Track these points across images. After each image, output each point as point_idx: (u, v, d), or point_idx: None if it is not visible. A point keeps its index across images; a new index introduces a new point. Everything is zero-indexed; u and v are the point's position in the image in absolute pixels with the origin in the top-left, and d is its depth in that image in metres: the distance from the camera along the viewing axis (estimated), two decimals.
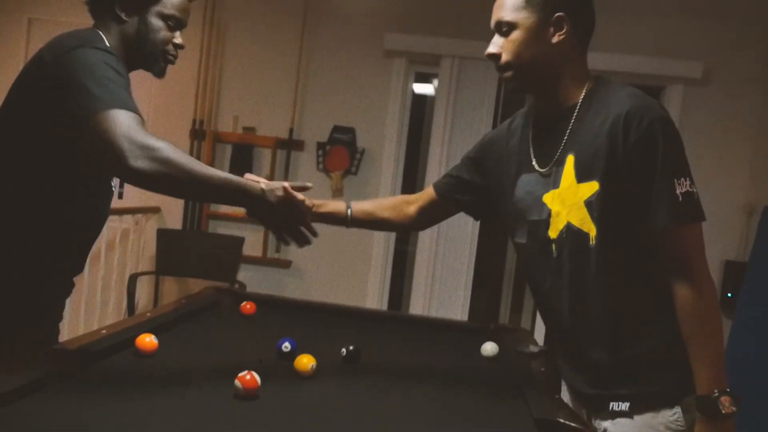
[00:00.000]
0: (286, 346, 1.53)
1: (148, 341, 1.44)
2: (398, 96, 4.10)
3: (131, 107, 1.29)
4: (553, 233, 1.41)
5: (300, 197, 1.48)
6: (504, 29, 1.40)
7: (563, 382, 1.53)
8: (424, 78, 4.37)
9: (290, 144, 4.16)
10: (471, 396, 1.43)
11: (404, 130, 4.21)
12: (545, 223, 1.42)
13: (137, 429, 1.06)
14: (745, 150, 3.91)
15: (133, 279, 3.88)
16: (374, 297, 4.14)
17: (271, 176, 4.04)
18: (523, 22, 1.37)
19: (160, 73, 1.58)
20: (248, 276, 4.12)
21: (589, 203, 1.34)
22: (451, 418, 1.29)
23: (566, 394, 1.51)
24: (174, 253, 4.07)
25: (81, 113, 1.27)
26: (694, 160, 1.36)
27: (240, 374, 1.22)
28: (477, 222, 3.08)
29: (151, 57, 1.54)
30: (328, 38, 4.15)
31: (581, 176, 1.36)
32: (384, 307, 4.17)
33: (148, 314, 1.76)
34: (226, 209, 4.15)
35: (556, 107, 1.44)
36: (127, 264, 4.08)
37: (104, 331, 1.51)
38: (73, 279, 1.65)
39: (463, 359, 1.75)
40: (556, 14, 1.36)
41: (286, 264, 4.19)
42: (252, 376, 1.22)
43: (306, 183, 1.55)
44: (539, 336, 2.92)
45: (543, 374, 1.56)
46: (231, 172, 1.40)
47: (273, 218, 1.47)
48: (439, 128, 4.02)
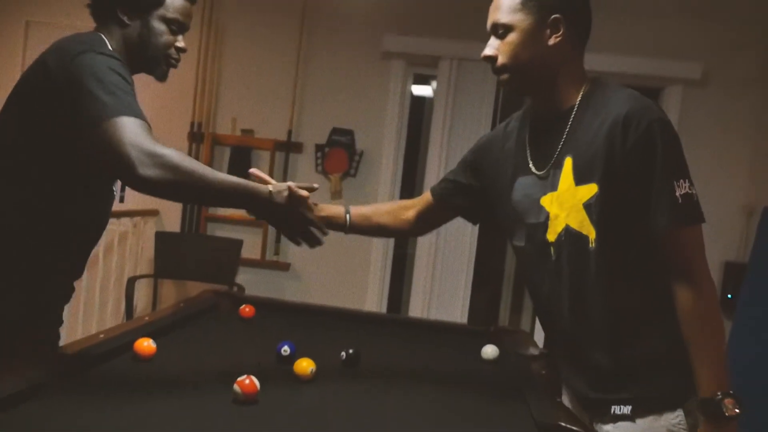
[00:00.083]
0: (286, 350, 1.52)
1: (146, 345, 1.43)
2: (397, 98, 4.10)
3: (138, 114, 1.30)
4: (552, 236, 1.40)
5: (305, 194, 1.48)
6: (500, 31, 1.39)
7: (563, 386, 1.53)
8: (423, 80, 4.37)
9: (289, 146, 4.16)
10: (472, 399, 1.42)
11: (403, 132, 4.20)
12: (543, 226, 1.42)
13: None
14: (745, 151, 3.91)
15: (132, 282, 3.87)
16: (373, 299, 4.13)
17: None
18: (520, 24, 1.37)
19: (163, 77, 1.58)
20: (247, 279, 4.11)
21: (588, 206, 1.34)
22: (452, 422, 1.28)
23: (566, 397, 1.50)
24: (172, 256, 4.06)
25: (88, 120, 1.28)
26: (694, 162, 1.36)
27: (239, 379, 1.21)
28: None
29: (154, 61, 1.54)
30: (327, 40, 4.15)
31: (580, 179, 1.35)
32: (383, 310, 4.17)
33: (147, 318, 1.76)
34: (224, 211, 4.15)
35: (553, 109, 1.43)
36: (126, 267, 4.07)
37: (102, 335, 1.50)
38: (73, 283, 1.64)
39: (464, 362, 1.75)
40: (553, 16, 1.35)
41: (285, 266, 4.18)
42: (251, 381, 1.21)
43: (313, 184, 1.54)
44: (539, 337, 2.91)
45: (544, 377, 1.56)
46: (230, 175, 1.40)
47: (282, 220, 1.47)
48: (438, 130, 4.01)
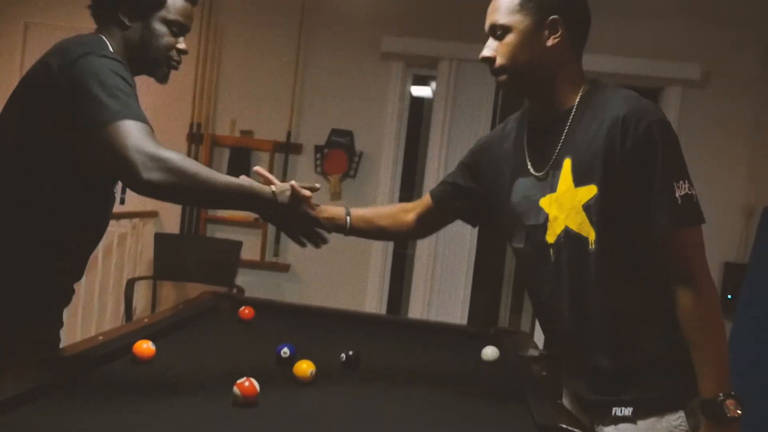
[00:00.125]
0: (285, 352, 1.52)
1: (146, 348, 1.43)
2: (396, 99, 4.09)
3: (141, 117, 1.30)
4: (551, 238, 1.40)
5: (307, 194, 1.47)
6: (498, 32, 1.39)
7: (564, 387, 1.52)
8: (422, 81, 4.36)
9: (288, 147, 4.15)
10: (472, 401, 1.42)
11: (402, 133, 4.20)
12: (543, 228, 1.41)
13: None
14: (744, 151, 3.91)
15: (131, 284, 3.86)
16: (373, 301, 4.13)
17: None
18: (518, 26, 1.36)
19: (163, 79, 1.57)
20: (246, 280, 4.11)
21: (588, 207, 1.33)
22: (453, 423, 1.28)
23: (567, 399, 1.50)
24: (172, 258, 4.05)
25: (91, 124, 1.28)
26: (693, 162, 1.35)
27: (238, 381, 1.21)
28: None
29: (155, 63, 1.53)
30: (326, 41, 4.15)
31: (579, 180, 1.35)
32: (383, 311, 4.16)
33: (146, 320, 1.76)
34: (224, 213, 4.14)
35: (552, 111, 1.43)
36: (125, 268, 4.06)
37: (101, 337, 1.50)
38: (74, 286, 1.64)
39: (464, 364, 1.75)
40: (551, 17, 1.35)
41: (285, 268, 4.17)
42: (251, 383, 1.21)
43: (315, 184, 1.54)
44: (539, 339, 2.91)
45: (544, 378, 1.56)
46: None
47: (285, 220, 1.47)
48: (438, 131, 4.01)
